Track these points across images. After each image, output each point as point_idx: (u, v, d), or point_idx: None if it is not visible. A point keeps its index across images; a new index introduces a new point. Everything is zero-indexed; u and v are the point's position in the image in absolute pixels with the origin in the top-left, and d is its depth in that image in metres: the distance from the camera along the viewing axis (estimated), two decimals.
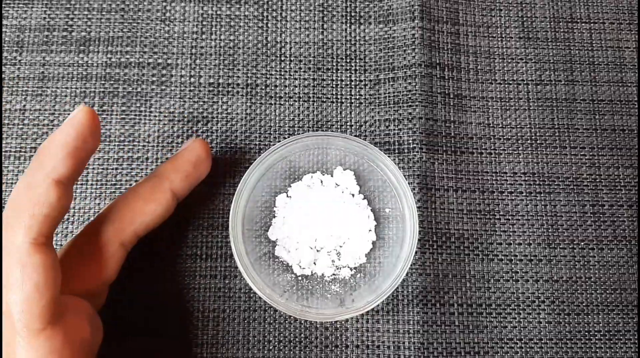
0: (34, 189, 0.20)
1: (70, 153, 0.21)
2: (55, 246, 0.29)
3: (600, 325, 0.29)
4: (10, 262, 0.20)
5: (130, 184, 0.30)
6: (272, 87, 0.31)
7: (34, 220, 0.20)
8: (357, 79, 0.32)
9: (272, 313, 0.28)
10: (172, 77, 0.31)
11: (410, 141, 0.30)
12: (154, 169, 0.26)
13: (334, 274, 0.28)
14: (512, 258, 0.30)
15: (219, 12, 0.32)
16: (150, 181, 0.26)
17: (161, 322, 0.28)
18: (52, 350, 0.20)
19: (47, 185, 0.20)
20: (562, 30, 0.33)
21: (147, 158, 0.30)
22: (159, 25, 0.32)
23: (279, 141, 0.29)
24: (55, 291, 0.20)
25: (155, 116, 0.31)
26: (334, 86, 0.32)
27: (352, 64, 0.32)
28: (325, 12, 0.33)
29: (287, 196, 0.29)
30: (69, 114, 0.31)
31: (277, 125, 0.31)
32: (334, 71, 0.32)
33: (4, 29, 0.32)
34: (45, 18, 0.32)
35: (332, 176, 0.30)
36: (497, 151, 0.31)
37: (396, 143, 0.31)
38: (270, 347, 0.28)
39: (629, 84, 0.33)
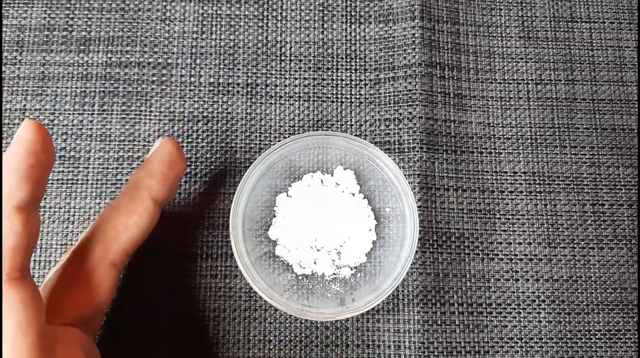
0: None
1: (24, 175, 0.19)
2: (55, 254, 0.29)
3: (601, 324, 0.29)
4: None
5: None
6: (272, 87, 0.31)
7: (2, 254, 0.18)
8: (357, 78, 0.32)
9: (272, 312, 0.28)
10: (172, 77, 0.31)
11: (411, 141, 0.30)
12: (127, 180, 0.25)
13: (334, 273, 0.28)
14: (512, 257, 0.30)
15: (219, 12, 0.32)
16: (127, 194, 0.24)
17: (161, 321, 0.28)
18: None
19: (8, 214, 0.18)
20: (562, 29, 0.33)
21: None
22: (159, 25, 0.32)
23: (279, 141, 0.29)
24: (40, 326, 0.19)
25: (155, 116, 0.31)
26: (334, 85, 0.32)
27: (352, 64, 0.32)
28: (325, 12, 0.33)
29: (288, 195, 0.29)
30: (68, 114, 0.31)
31: (277, 125, 0.31)
32: (334, 71, 0.32)
33: (4, 29, 0.32)
34: (45, 18, 0.32)
35: (332, 175, 0.30)
36: (497, 151, 0.31)
37: (396, 143, 0.31)
38: (271, 347, 0.28)
39: (629, 84, 0.33)
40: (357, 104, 0.31)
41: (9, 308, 0.18)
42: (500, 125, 0.32)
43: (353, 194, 0.29)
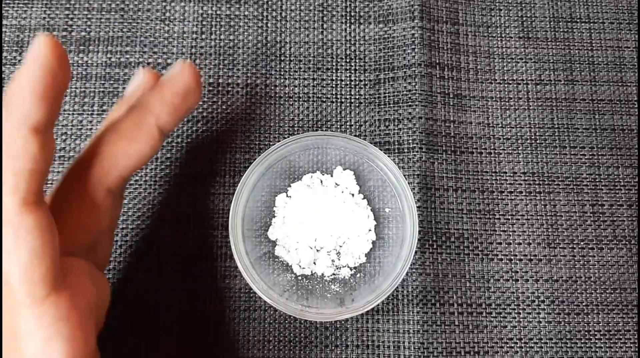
0: (9, 143, 0.17)
1: (41, 95, 0.18)
2: None
3: (600, 324, 0.29)
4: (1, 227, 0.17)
5: (131, 184, 0.30)
6: (272, 87, 0.31)
7: (18, 178, 0.17)
8: (357, 79, 0.32)
9: (272, 313, 0.28)
10: None
11: (410, 141, 0.30)
12: (137, 99, 0.23)
13: (333, 274, 0.28)
14: (512, 257, 0.30)
15: (218, 12, 0.32)
16: (132, 116, 0.22)
17: (161, 321, 0.28)
18: (59, 317, 0.18)
19: (24, 136, 0.17)
20: (562, 30, 0.33)
21: None
22: (158, 25, 0.32)
23: (279, 141, 0.29)
24: (55, 253, 0.18)
25: None
26: (333, 85, 0.32)
27: (352, 64, 0.32)
28: (325, 12, 0.33)
29: (287, 196, 0.29)
30: (68, 114, 0.31)
31: (277, 125, 0.31)
32: (334, 71, 0.32)
33: (4, 29, 0.32)
34: (45, 18, 0.32)
35: (331, 175, 0.30)
36: (497, 151, 0.31)
37: (396, 143, 0.31)
38: (270, 347, 0.28)
39: (629, 84, 0.33)
40: (357, 105, 0.31)
41: (25, 234, 0.17)
42: (500, 125, 0.32)
43: (353, 195, 0.29)
